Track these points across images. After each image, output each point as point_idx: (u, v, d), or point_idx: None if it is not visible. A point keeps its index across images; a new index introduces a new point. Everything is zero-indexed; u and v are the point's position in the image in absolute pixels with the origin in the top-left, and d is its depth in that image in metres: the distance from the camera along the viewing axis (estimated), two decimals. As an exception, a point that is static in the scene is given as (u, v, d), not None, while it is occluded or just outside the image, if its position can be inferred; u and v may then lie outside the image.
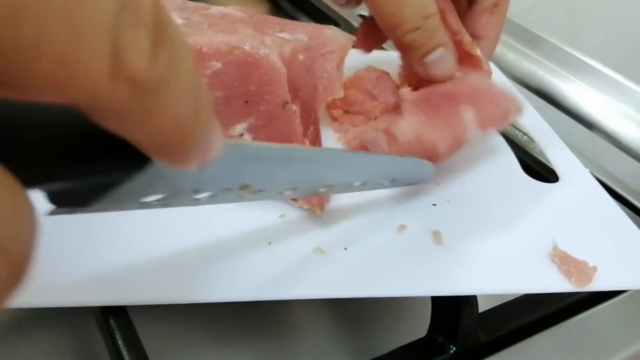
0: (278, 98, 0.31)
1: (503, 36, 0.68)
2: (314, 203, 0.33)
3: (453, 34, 0.40)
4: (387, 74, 0.44)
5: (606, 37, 0.66)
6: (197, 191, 0.22)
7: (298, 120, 0.32)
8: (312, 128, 0.34)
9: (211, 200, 0.24)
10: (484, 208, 0.39)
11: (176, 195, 0.21)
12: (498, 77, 0.51)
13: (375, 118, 0.39)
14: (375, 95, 0.42)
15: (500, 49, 0.66)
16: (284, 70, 0.31)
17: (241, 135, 0.33)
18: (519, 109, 0.41)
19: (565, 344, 0.38)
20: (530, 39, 0.65)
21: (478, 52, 0.42)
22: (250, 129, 0.32)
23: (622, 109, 0.58)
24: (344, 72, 0.40)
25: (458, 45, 0.41)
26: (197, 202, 0.23)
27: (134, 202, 0.20)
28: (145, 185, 0.18)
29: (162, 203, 0.22)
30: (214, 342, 0.36)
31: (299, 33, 0.36)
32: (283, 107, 0.31)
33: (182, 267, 0.30)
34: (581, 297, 0.41)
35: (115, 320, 0.31)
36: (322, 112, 0.40)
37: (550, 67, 0.63)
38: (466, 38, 0.41)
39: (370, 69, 0.44)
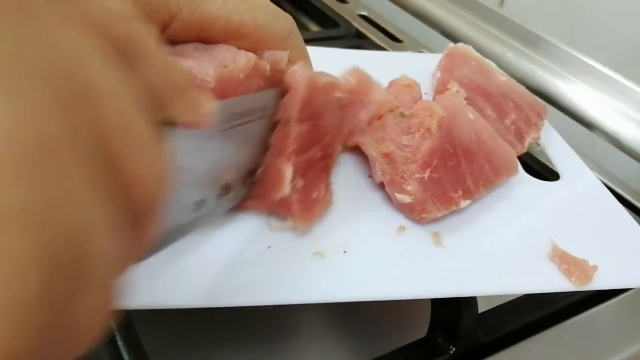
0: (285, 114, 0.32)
1: (503, 36, 0.69)
2: (297, 218, 0.33)
3: None
4: (416, 84, 0.44)
5: (606, 37, 0.66)
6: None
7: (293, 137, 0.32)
8: (316, 148, 0.35)
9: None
10: (484, 208, 0.39)
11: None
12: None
13: (381, 116, 0.39)
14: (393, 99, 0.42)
15: (500, 49, 0.67)
16: (302, 93, 0.32)
17: None
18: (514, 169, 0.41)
19: (565, 344, 0.38)
20: (530, 39, 0.65)
21: None
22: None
23: (622, 109, 0.58)
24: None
25: None
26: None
27: None
28: None
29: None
30: (214, 343, 0.36)
31: (349, 74, 0.37)
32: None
33: (181, 272, 0.30)
34: (581, 297, 0.41)
35: (115, 321, 0.31)
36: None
37: (550, 67, 0.63)
38: None
39: (403, 77, 0.45)
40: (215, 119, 0.23)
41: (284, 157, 0.32)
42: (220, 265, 0.31)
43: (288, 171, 0.32)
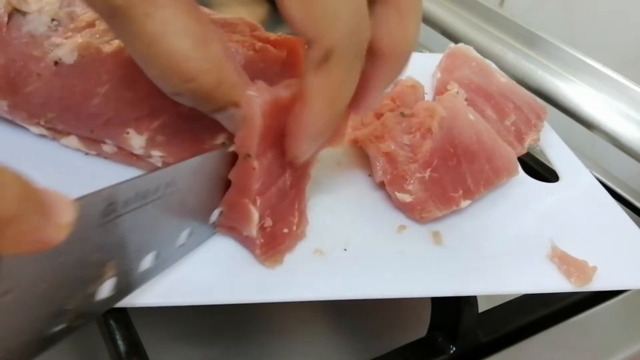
0: None
1: (503, 36, 0.69)
2: (262, 259, 0.31)
3: None
4: (420, 85, 0.44)
5: (606, 37, 0.66)
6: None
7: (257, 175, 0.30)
8: (286, 175, 0.32)
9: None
10: (484, 208, 0.39)
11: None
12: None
13: (381, 115, 0.39)
14: (394, 98, 0.42)
15: (500, 49, 0.67)
16: (259, 123, 0.28)
17: (223, 143, 0.32)
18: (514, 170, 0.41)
19: (565, 344, 0.38)
20: (530, 39, 0.65)
21: None
22: (230, 138, 0.30)
23: (622, 109, 0.58)
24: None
25: None
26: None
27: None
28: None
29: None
30: (215, 343, 0.36)
31: None
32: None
33: (181, 271, 0.30)
34: (581, 297, 0.41)
35: (115, 320, 0.31)
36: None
37: (550, 67, 0.63)
38: None
39: (407, 78, 0.44)
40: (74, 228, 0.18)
41: (248, 199, 0.29)
42: (220, 263, 0.31)
43: (255, 214, 0.30)
